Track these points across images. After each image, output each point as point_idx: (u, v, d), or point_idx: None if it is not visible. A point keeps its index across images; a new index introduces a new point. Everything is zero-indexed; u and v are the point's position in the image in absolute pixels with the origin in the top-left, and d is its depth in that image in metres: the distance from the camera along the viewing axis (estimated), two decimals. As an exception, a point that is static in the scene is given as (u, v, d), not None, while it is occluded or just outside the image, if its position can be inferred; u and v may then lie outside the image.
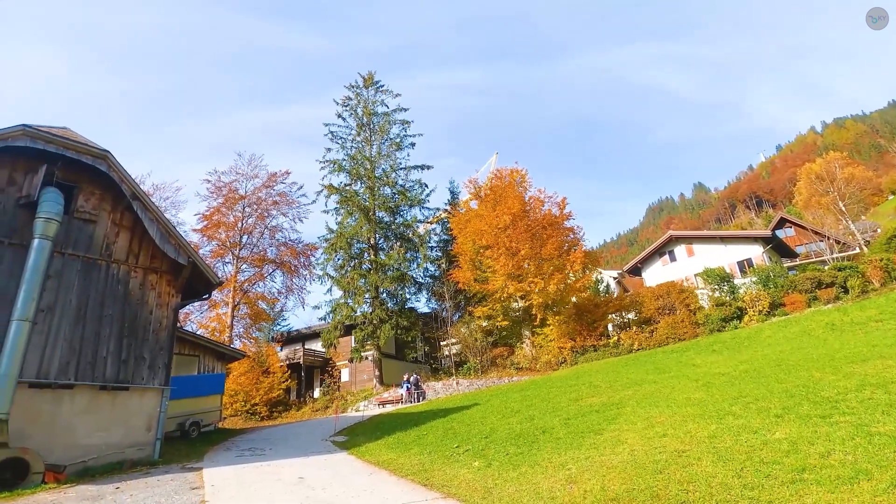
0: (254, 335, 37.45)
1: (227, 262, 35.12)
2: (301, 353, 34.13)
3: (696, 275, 32.71)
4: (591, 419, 9.63)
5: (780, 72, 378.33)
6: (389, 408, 23.96)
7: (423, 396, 25.11)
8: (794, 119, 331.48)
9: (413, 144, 36.31)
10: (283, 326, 46.70)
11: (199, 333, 26.98)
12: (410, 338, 33.64)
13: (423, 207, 36.02)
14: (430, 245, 37.31)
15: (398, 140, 36.11)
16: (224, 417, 23.04)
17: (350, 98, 37.01)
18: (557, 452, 7.65)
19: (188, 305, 21.43)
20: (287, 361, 33.67)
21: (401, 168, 35.70)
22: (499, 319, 29.77)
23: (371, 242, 33.44)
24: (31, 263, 9.87)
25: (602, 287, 41.69)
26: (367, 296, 31.46)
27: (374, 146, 36.18)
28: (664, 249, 39.23)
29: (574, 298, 29.51)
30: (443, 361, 37.62)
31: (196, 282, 13.50)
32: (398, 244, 34.08)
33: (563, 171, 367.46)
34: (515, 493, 6.13)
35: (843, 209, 41.20)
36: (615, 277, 47.97)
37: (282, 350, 37.28)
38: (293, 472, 9.07)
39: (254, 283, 36.22)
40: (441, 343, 37.64)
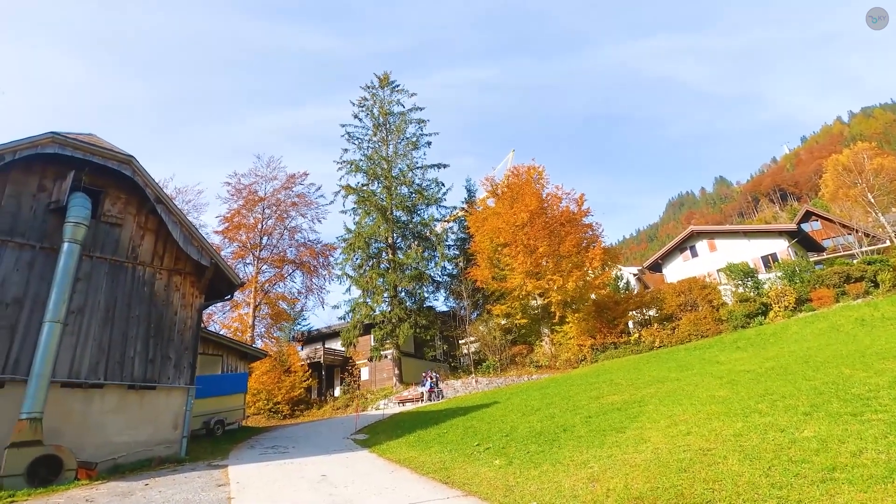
0: (275, 335, 38.12)
1: (248, 264, 35.73)
2: (321, 353, 34.51)
3: (719, 270, 32.13)
4: (613, 417, 9.54)
5: (804, 61, 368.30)
6: (409, 406, 24.06)
7: (441, 395, 25.16)
8: (820, 109, 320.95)
9: (429, 143, 36.53)
10: (304, 326, 47.47)
11: (222, 333, 27.50)
12: (429, 336, 33.80)
13: (440, 206, 36.18)
14: (448, 244, 37.51)
15: (414, 139, 36.32)
16: (247, 416, 23.44)
17: (366, 98, 37.28)
18: (579, 451, 7.60)
19: (211, 306, 21.83)
20: (308, 360, 34.11)
21: (417, 167, 35.91)
22: (517, 317, 29.66)
23: (389, 242, 33.65)
24: (62, 267, 10.17)
25: (622, 284, 41.29)
26: (386, 295, 31.72)
27: (391, 146, 36.44)
28: (685, 245, 38.59)
29: (593, 296, 29.27)
30: (462, 360, 37.65)
31: (218, 283, 13.73)
32: (416, 243, 34.25)
33: (581, 167, 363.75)
34: (537, 492, 6.10)
35: (872, 201, 39.84)
36: (635, 274, 47.41)
37: (302, 349, 37.75)
38: (316, 470, 9.18)
39: (274, 284, 36.75)
40: (460, 341, 37.68)
